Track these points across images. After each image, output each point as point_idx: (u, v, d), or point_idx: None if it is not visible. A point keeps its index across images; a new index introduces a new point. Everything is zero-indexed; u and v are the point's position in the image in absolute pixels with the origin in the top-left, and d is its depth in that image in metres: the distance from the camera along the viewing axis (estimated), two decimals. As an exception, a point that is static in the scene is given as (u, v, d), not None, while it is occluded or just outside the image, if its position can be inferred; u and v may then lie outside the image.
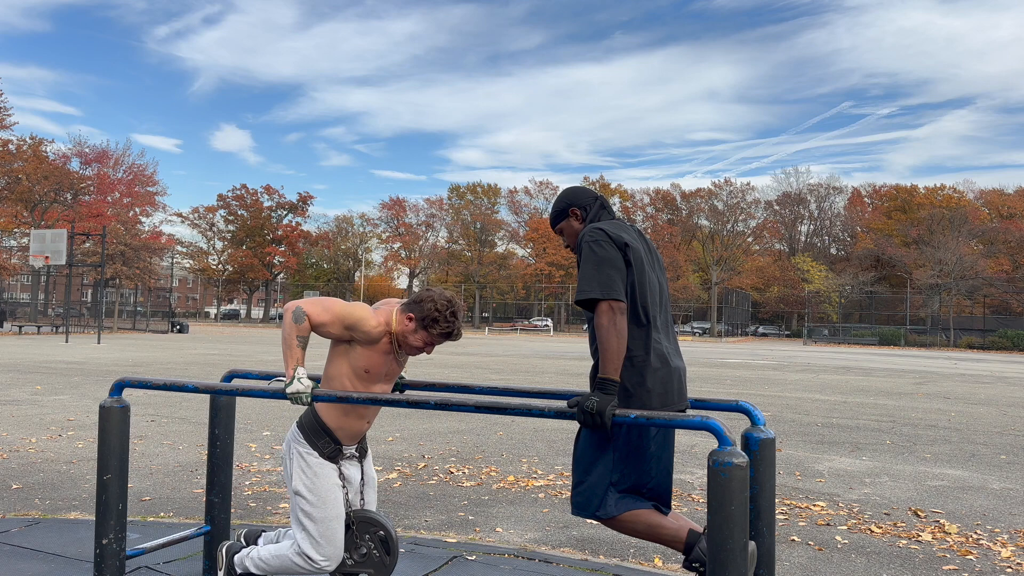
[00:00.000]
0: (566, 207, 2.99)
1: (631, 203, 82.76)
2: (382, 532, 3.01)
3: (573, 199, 3.00)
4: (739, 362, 25.11)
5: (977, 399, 14.10)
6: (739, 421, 8.53)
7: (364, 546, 3.01)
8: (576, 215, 2.98)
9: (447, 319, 2.96)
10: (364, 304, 2.96)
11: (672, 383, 2.75)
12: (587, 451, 2.77)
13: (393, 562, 3.02)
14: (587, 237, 2.74)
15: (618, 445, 2.72)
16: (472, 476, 6.30)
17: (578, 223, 2.97)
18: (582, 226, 2.96)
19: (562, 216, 3.01)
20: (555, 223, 3.05)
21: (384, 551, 3.01)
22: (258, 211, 79.56)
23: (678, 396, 2.78)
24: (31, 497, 5.27)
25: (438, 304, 2.95)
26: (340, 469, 3.05)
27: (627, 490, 2.74)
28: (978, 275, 59.15)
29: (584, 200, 2.98)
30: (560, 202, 3.02)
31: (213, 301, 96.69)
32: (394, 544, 3.02)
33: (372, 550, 3.01)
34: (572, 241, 3.00)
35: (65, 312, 32.35)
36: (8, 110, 52.37)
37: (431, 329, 2.95)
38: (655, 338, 2.73)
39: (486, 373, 17.23)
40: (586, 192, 3.01)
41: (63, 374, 14.55)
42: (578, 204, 2.98)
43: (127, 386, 3.12)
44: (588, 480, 2.75)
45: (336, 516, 2.99)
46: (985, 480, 6.68)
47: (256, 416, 9.24)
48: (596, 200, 2.97)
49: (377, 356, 2.96)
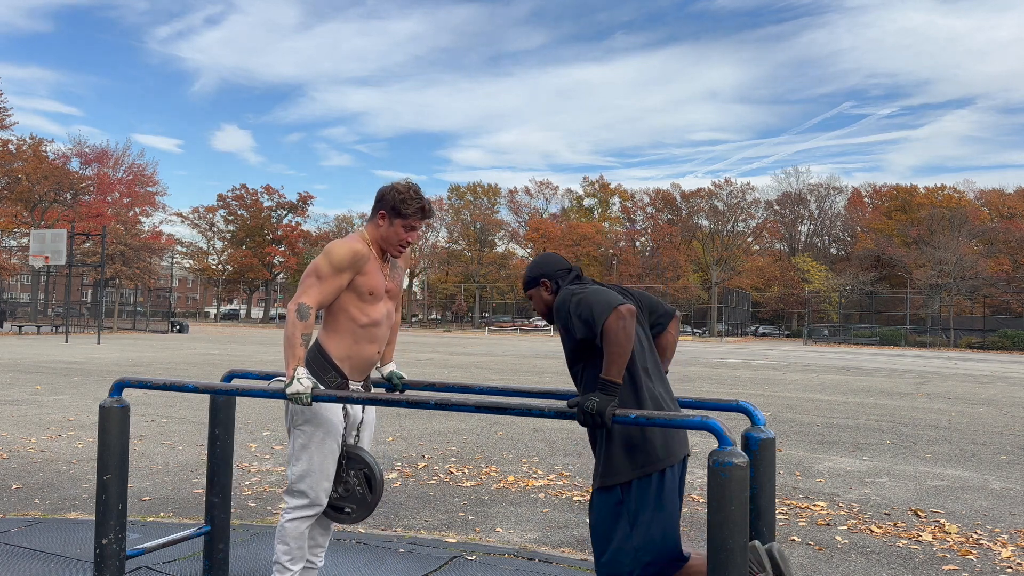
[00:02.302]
0: (537, 276, 2.90)
1: (631, 203, 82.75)
2: (366, 470, 3.11)
3: (544, 269, 2.89)
4: (739, 362, 25.11)
5: (977, 399, 14.09)
6: (739, 421, 8.51)
7: (349, 481, 3.13)
8: (546, 286, 2.87)
9: (412, 196, 3.04)
10: (334, 244, 3.01)
11: (672, 432, 2.66)
12: (601, 518, 2.66)
13: (375, 500, 3.13)
14: (564, 294, 2.68)
15: (631, 508, 2.60)
16: (472, 476, 6.30)
17: (548, 294, 2.87)
18: (552, 297, 2.86)
19: (532, 284, 2.92)
20: (526, 290, 2.97)
21: (368, 488, 3.12)
22: (258, 211, 79.51)
23: (682, 442, 2.70)
24: (31, 497, 5.27)
25: (397, 188, 3.05)
26: (344, 407, 3.10)
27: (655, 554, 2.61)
28: (978, 275, 59.12)
29: (555, 271, 2.87)
30: (532, 270, 2.92)
31: (213, 301, 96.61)
32: (377, 483, 3.13)
33: (356, 486, 3.12)
34: (540, 309, 2.91)
35: (65, 312, 32.35)
36: (8, 110, 52.38)
37: (404, 211, 3.02)
38: (648, 387, 2.66)
39: (486, 373, 17.23)
40: (559, 263, 2.90)
41: (63, 374, 14.55)
42: (548, 275, 2.87)
43: (127, 386, 3.12)
44: (610, 550, 2.63)
45: (331, 452, 3.06)
46: (985, 480, 6.67)
47: (256, 416, 9.23)
48: (569, 272, 2.87)
49: (372, 276, 3.03)
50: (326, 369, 3.02)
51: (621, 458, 2.60)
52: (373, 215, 3.09)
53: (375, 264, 3.05)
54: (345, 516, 3.17)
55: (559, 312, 2.69)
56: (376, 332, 3.08)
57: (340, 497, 3.14)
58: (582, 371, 2.69)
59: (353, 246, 2.99)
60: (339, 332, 3.04)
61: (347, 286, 3.00)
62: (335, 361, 3.03)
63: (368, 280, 3.02)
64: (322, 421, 3.02)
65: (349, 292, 3.01)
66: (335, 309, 3.03)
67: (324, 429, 3.02)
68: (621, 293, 2.82)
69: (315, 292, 2.94)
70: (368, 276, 3.02)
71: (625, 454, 2.60)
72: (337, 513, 3.18)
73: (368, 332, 3.05)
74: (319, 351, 3.05)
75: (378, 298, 3.06)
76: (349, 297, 3.01)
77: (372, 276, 3.03)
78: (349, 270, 2.97)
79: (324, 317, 3.10)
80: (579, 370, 2.71)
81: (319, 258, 2.98)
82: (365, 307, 3.03)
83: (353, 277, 2.99)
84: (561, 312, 2.67)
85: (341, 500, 3.14)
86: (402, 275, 3.24)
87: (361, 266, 2.99)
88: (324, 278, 2.95)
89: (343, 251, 2.96)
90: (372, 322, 3.06)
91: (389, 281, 3.12)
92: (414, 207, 3.03)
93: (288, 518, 3.07)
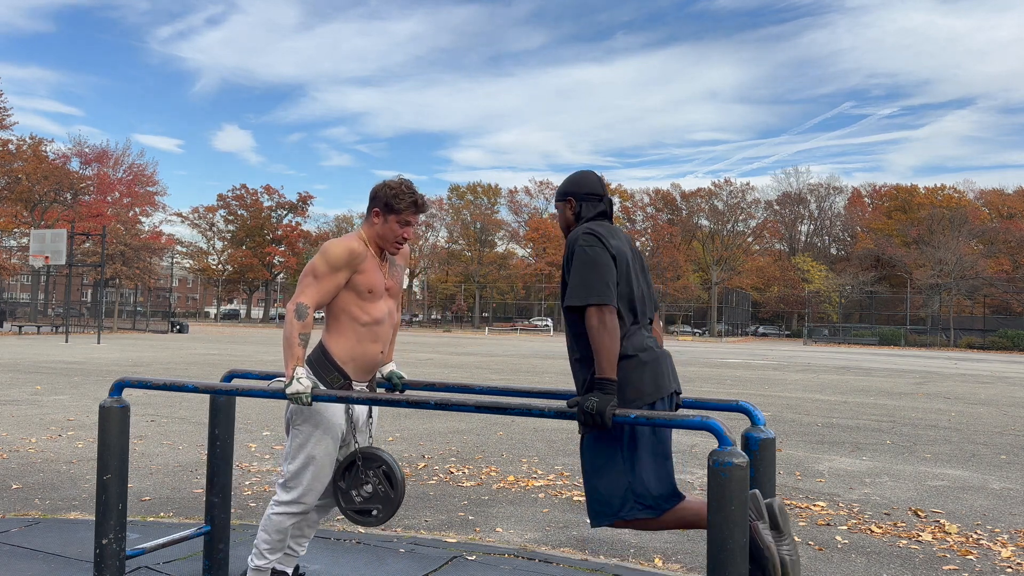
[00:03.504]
0: (566, 192, 2.96)
1: (631, 203, 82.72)
2: (384, 468, 3.05)
3: (576, 188, 2.94)
4: (739, 362, 25.11)
5: (977, 399, 14.09)
6: (739, 421, 8.51)
7: (369, 482, 3.06)
8: (571, 205, 2.93)
9: (404, 191, 3.04)
10: (330, 243, 3.02)
11: (661, 367, 2.74)
12: (596, 457, 2.71)
13: (400, 495, 3.06)
14: (580, 241, 2.71)
15: (624, 444, 2.67)
16: (472, 476, 6.30)
17: (571, 213, 2.93)
18: (573, 219, 2.92)
19: (561, 198, 2.99)
20: (557, 200, 3.03)
21: (389, 485, 3.06)
22: (258, 211, 79.50)
23: (672, 379, 2.78)
24: (31, 497, 5.27)
25: (389, 184, 3.06)
26: (347, 409, 3.10)
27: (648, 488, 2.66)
28: (978, 275, 59.12)
29: (584, 194, 2.92)
30: (566, 184, 2.98)
31: (213, 301, 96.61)
32: (398, 478, 3.06)
33: (378, 486, 3.06)
34: (561, 224, 2.98)
35: (65, 312, 32.34)
36: (8, 110, 52.37)
37: (397, 207, 3.02)
38: (642, 334, 2.75)
39: (486, 373, 17.23)
40: (592, 186, 2.93)
41: (63, 374, 14.54)
42: (577, 196, 2.92)
43: (127, 386, 3.12)
44: (601, 486, 2.68)
45: (327, 453, 3.04)
46: (985, 480, 6.67)
47: (256, 416, 9.23)
48: (599, 202, 2.91)
49: (370, 273, 3.03)
50: (329, 370, 3.02)
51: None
52: (368, 214, 3.10)
53: (373, 262, 3.06)
54: (372, 519, 3.08)
55: (568, 248, 2.75)
56: (378, 331, 3.08)
57: (364, 500, 3.07)
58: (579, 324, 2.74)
59: (349, 244, 3.00)
60: (342, 333, 3.04)
61: (346, 285, 3.01)
62: (339, 363, 3.03)
63: (366, 278, 3.02)
64: (321, 420, 3.02)
65: (349, 291, 3.01)
66: (336, 310, 3.04)
67: (323, 429, 3.02)
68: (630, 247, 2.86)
69: (313, 292, 2.95)
70: (366, 274, 3.02)
71: (620, 391, 2.64)
72: (364, 517, 3.09)
73: (371, 331, 3.05)
74: (323, 353, 3.05)
75: (378, 296, 3.06)
76: (349, 296, 3.02)
77: (370, 274, 3.03)
78: (346, 268, 2.97)
79: (326, 319, 3.10)
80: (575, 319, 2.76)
81: (316, 257, 2.99)
82: (366, 305, 3.03)
83: (351, 276, 3.00)
84: (568, 250, 2.74)
85: (366, 503, 3.07)
86: (402, 273, 3.25)
87: (358, 264, 3.00)
88: (321, 277, 2.96)
89: (339, 250, 2.97)
90: (374, 320, 3.06)
91: (388, 279, 3.13)
92: (407, 201, 3.03)
93: (275, 511, 3.09)
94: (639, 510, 2.64)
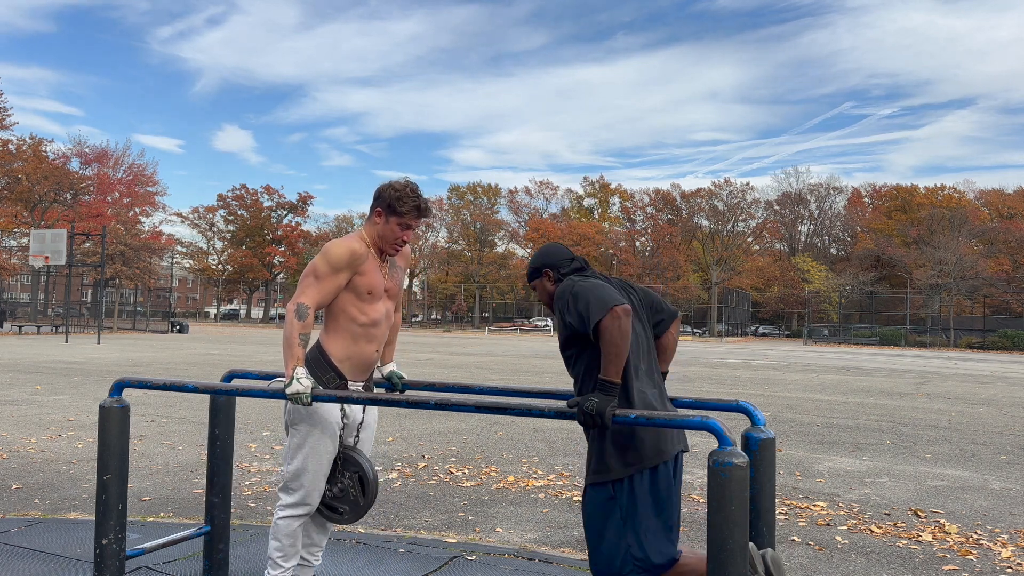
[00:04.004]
0: (540, 267, 2.93)
1: (631, 203, 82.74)
2: (360, 472, 3.12)
3: (548, 259, 2.92)
4: (739, 362, 25.11)
5: (977, 399, 14.09)
6: (739, 421, 8.50)
7: (343, 482, 3.14)
8: (549, 276, 2.90)
9: (408, 194, 3.04)
10: (331, 244, 3.01)
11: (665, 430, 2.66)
12: (593, 514, 2.69)
13: (368, 504, 3.15)
14: (566, 284, 2.72)
15: (622, 504, 2.62)
16: (472, 476, 6.30)
17: (551, 284, 2.91)
18: (554, 287, 2.89)
19: (535, 275, 2.96)
20: (530, 279, 3.00)
21: (360, 490, 3.13)
22: (258, 211, 79.49)
23: (676, 438, 2.71)
24: (31, 497, 5.27)
25: (394, 185, 3.05)
26: (343, 407, 3.11)
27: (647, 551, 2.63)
28: (978, 275, 59.10)
29: (558, 261, 2.90)
30: (536, 260, 2.96)
31: (213, 301, 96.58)
32: (370, 486, 3.14)
33: (350, 488, 3.14)
34: (544, 299, 2.95)
35: (65, 312, 32.34)
36: (8, 110, 52.38)
37: (399, 209, 3.01)
38: (639, 388, 2.67)
39: (486, 373, 17.23)
40: (562, 252, 2.93)
41: (63, 374, 14.55)
42: (551, 265, 2.90)
43: (127, 386, 3.12)
44: (603, 545, 2.67)
45: (326, 452, 3.05)
46: (985, 480, 6.67)
47: (256, 416, 9.23)
48: (572, 262, 2.89)
49: (370, 275, 3.03)
50: (325, 370, 3.03)
51: (613, 455, 2.63)
52: (370, 213, 3.09)
53: (373, 263, 3.05)
54: (338, 516, 3.20)
55: (558, 301, 2.73)
56: (374, 332, 3.08)
57: (334, 497, 3.17)
58: (575, 357, 2.73)
59: (350, 245, 2.99)
60: (338, 332, 3.04)
61: (346, 286, 3.00)
62: (335, 362, 3.03)
63: (366, 279, 3.02)
64: (318, 421, 3.02)
65: (348, 292, 3.01)
66: (335, 310, 3.04)
67: (320, 429, 3.03)
68: (623, 289, 2.84)
69: (313, 292, 2.94)
70: (366, 275, 3.02)
71: (616, 452, 2.63)
72: (331, 512, 3.20)
73: (367, 332, 3.05)
74: (319, 352, 3.05)
75: (377, 297, 3.06)
76: (348, 297, 3.02)
77: (370, 275, 3.03)
78: (347, 269, 2.97)
79: (324, 318, 3.11)
80: (571, 355, 2.75)
81: (317, 258, 2.98)
82: (364, 306, 3.03)
83: (351, 276, 2.99)
84: (559, 301, 2.71)
85: (335, 500, 3.17)
86: (402, 275, 3.24)
87: (359, 265, 2.99)
88: (322, 278, 2.95)
89: (340, 250, 2.97)
90: (371, 321, 3.06)
91: (388, 280, 3.12)
92: (410, 205, 3.02)
93: (280, 515, 3.09)
94: (638, 572, 2.64)
